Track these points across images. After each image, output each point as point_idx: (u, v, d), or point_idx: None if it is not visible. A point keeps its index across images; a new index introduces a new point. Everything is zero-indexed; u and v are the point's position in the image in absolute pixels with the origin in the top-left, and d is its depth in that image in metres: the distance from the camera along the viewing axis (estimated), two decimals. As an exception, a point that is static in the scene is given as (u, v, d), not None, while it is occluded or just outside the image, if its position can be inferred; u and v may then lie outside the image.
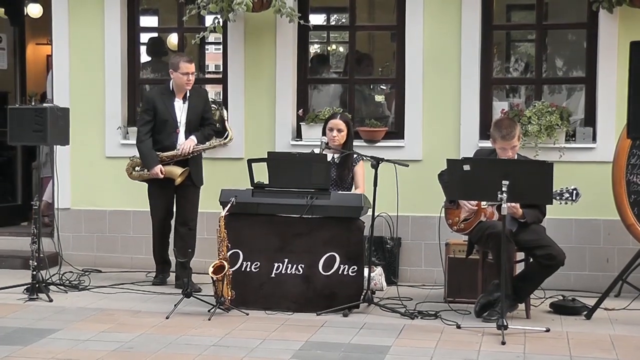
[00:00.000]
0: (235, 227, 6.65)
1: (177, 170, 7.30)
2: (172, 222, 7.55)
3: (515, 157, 6.48)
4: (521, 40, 9.00)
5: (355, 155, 7.10)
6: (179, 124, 7.34)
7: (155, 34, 9.29)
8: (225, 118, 7.62)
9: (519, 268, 6.68)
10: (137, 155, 7.45)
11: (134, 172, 7.49)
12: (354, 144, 7.31)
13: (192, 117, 7.37)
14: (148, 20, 9.14)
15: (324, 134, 7.10)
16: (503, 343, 5.69)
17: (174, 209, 7.53)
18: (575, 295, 6.95)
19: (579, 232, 7.58)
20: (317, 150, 7.07)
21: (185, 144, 7.30)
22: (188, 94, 7.36)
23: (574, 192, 6.21)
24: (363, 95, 8.65)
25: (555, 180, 5.98)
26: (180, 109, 7.35)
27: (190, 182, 7.39)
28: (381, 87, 8.88)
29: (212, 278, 6.44)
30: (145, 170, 7.36)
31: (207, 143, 7.42)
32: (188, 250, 7.20)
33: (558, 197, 6.21)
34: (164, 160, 7.31)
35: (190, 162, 7.38)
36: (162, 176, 7.26)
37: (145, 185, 7.51)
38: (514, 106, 7.89)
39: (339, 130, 7.05)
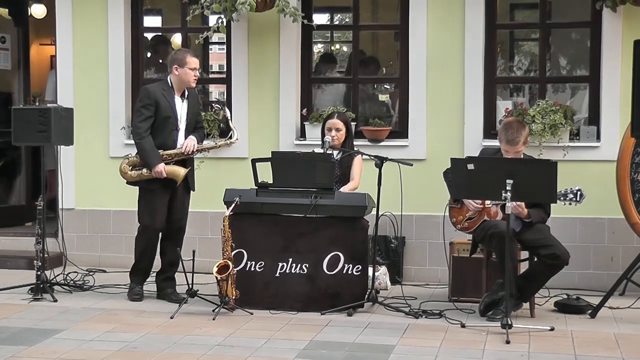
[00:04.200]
0: (240, 226, 6.64)
1: (180, 171, 6.82)
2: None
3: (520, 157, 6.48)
4: (525, 39, 9.00)
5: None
6: (179, 122, 6.88)
7: (159, 34, 9.30)
8: (229, 117, 7.39)
9: (524, 267, 6.68)
10: (132, 154, 6.95)
11: (130, 172, 6.89)
12: (358, 143, 7.31)
13: (191, 117, 6.95)
14: (152, 20, 9.16)
15: (322, 134, 7.11)
16: (507, 342, 5.69)
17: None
18: (580, 294, 6.95)
19: (583, 231, 7.58)
20: (317, 150, 7.08)
21: (188, 142, 6.86)
22: (186, 93, 6.93)
23: (578, 192, 6.19)
24: (367, 95, 8.65)
25: (560, 179, 5.97)
26: (181, 106, 6.89)
27: (185, 187, 6.95)
28: (385, 86, 8.88)
29: (216, 278, 6.44)
30: (145, 169, 6.82)
31: (211, 142, 7.13)
32: (193, 250, 7.10)
33: (562, 198, 6.19)
34: (166, 159, 6.81)
35: (188, 164, 6.95)
36: (165, 176, 6.77)
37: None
38: (518, 105, 7.87)
39: (338, 130, 7.07)
